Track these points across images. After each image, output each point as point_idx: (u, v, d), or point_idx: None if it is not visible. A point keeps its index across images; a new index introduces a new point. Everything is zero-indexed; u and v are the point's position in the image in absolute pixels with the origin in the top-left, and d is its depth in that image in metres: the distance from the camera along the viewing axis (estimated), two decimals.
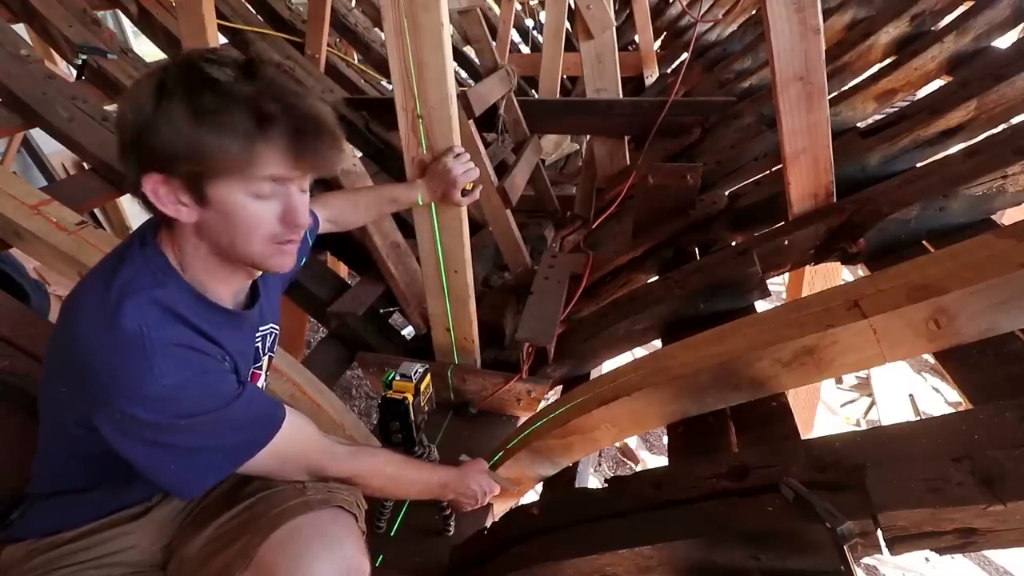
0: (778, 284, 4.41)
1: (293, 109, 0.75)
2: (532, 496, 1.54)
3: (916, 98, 1.88)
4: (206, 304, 0.84)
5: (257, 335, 0.99)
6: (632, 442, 4.23)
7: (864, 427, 4.24)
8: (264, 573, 0.81)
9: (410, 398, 1.16)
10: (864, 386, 4.81)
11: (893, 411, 4.46)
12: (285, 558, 0.81)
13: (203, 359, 0.80)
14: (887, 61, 2.11)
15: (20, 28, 2.43)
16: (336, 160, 0.83)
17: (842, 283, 1.69)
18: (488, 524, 1.29)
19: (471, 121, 1.93)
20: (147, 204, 0.79)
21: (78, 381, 0.78)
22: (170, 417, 0.76)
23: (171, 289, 0.80)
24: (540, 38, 3.61)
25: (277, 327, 1.06)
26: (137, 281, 0.78)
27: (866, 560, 3.15)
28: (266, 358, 1.04)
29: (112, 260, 0.83)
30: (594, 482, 3.41)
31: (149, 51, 2.99)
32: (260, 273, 0.94)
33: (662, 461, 2.04)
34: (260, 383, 1.03)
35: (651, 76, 3.98)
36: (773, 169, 1.89)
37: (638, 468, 4.04)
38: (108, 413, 0.74)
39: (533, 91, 3.77)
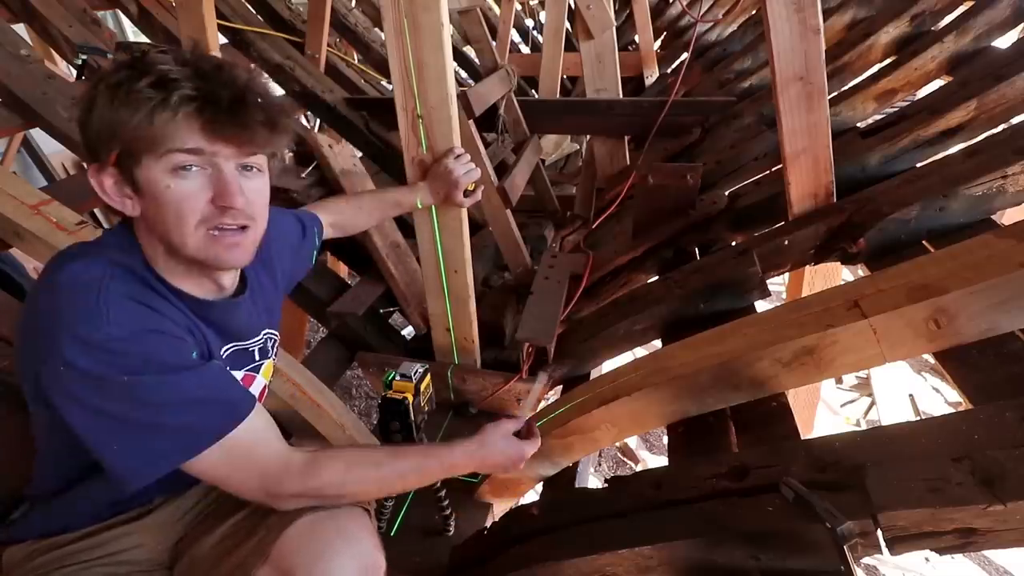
0: (778, 284, 4.41)
1: (207, 78, 0.73)
2: (532, 496, 1.54)
3: (916, 98, 1.88)
4: (169, 287, 0.82)
5: (254, 340, 0.97)
6: (632, 442, 4.23)
7: (864, 427, 4.24)
8: (282, 569, 0.79)
9: (410, 398, 1.16)
10: (864, 386, 4.81)
11: (893, 411, 4.46)
12: (304, 554, 0.80)
13: (160, 319, 0.77)
14: (887, 61, 2.11)
15: (20, 28, 2.43)
16: (269, 136, 0.79)
17: (842, 283, 1.69)
18: (488, 524, 1.29)
19: (471, 121, 1.93)
20: (102, 201, 0.79)
21: (30, 338, 0.76)
22: (112, 372, 0.71)
23: (135, 259, 0.80)
24: (540, 38, 3.61)
25: (275, 332, 1.04)
26: (100, 248, 0.81)
27: (866, 560, 3.14)
28: (266, 363, 1.02)
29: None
30: (594, 482, 3.41)
31: None
32: (233, 281, 0.91)
33: (662, 461, 2.04)
34: (256, 387, 1.00)
35: (651, 76, 3.98)
36: (773, 169, 1.89)
37: (638, 468, 4.04)
38: (52, 365, 0.71)
39: (533, 91, 3.77)
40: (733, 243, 1.82)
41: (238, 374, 0.95)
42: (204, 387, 0.78)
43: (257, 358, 0.99)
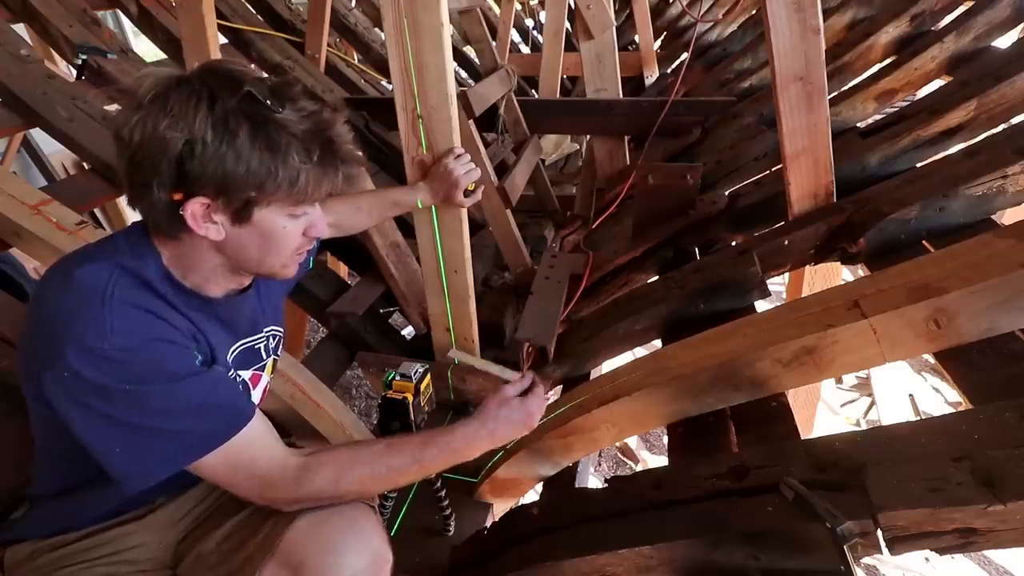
0: (778, 284, 4.40)
1: (338, 140, 0.80)
2: (532, 496, 1.54)
3: (916, 98, 1.88)
4: (185, 290, 0.83)
5: (259, 337, 0.98)
6: (632, 442, 4.23)
7: (864, 427, 4.24)
8: (291, 563, 0.80)
9: (410, 398, 1.16)
10: (864, 386, 4.81)
11: (893, 411, 4.45)
12: (312, 548, 0.80)
13: (164, 327, 0.78)
14: (887, 61, 2.11)
15: (20, 28, 2.43)
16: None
17: (842, 283, 1.69)
18: (488, 524, 1.29)
19: (471, 121, 1.93)
20: (168, 220, 0.77)
21: (34, 342, 0.76)
22: (116, 381, 0.72)
23: (147, 264, 0.80)
24: (540, 38, 3.61)
25: (280, 329, 1.05)
26: (109, 252, 0.80)
27: (866, 560, 3.15)
28: (270, 360, 1.03)
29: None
30: (594, 482, 3.41)
31: (149, 51, 2.99)
32: (251, 280, 0.94)
33: (662, 461, 2.04)
34: (261, 385, 1.02)
35: (651, 76, 3.98)
36: (773, 169, 1.89)
37: (638, 468, 4.04)
38: (56, 371, 0.72)
39: (533, 91, 3.77)
40: (733, 243, 1.82)
41: (247, 373, 0.96)
42: (208, 393, 0.80)
43: (264, 356, 1.01)
